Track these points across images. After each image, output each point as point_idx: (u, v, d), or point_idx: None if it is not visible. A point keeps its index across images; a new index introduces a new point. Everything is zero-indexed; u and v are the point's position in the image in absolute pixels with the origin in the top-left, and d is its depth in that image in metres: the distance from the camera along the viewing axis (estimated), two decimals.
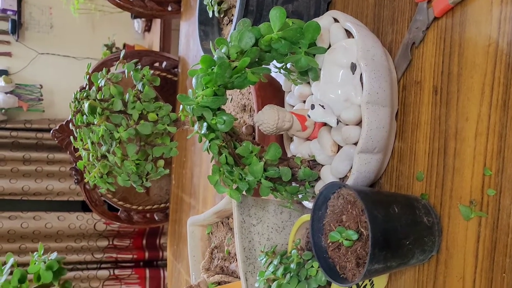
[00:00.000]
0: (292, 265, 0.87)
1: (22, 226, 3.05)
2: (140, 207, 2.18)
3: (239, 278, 1.04)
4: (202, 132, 0.85)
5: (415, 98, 0.83)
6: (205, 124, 0.84)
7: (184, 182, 1.94)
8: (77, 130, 1.01)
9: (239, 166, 0.87)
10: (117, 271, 3.14)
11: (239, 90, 1.13)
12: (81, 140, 1.01)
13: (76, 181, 2.09)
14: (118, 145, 0.96)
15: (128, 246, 3.26)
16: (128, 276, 3.13)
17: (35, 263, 0.94)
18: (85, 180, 0.99)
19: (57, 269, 0.93)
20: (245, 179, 0.87)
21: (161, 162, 1.02)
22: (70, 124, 1.03)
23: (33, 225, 3.02)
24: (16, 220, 3.07)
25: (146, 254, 3.25)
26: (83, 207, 3.44)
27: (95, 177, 1.00)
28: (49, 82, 3.16)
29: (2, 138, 3.02)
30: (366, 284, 0.88)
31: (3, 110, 2.93)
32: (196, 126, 0.86)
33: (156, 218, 2.23)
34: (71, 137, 1.03)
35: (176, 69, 2.14)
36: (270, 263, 0.91)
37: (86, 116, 0.98)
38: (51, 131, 2.05)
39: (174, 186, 2.06)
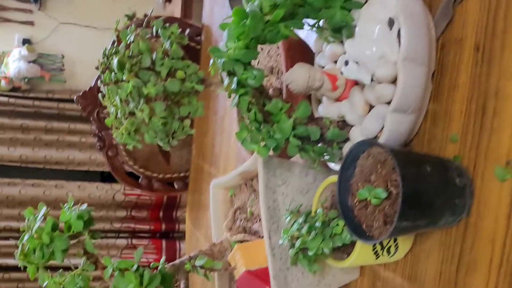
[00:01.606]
0: (317, 224, 0.85)
1: (44, 194, 3.06)
2: (161, 175, 2.17)
3: (262, 238, 1.02)
4: (232, 87, 0.83)
5: (454, 57, 0.80)
6: (235, 79, 0.82)
7: (204, 151, 1.92)
8: (105, 87, 0.99)
9: (267, 124, 0.85)
10: (134, 241, 3.15)
11: (266, 52, 1.11)
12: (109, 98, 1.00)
13: (99, 147, 2.08)
14: (145, 102, 0.94)
15: (146, 218, 3.27)
16: (145, 246, 3.13)
17: (66, 213, 0.93)
18: (113, 136, 0.97)
19: (87, 219, 0.92)
20: (273, 136, 0.85)
21: (187, 122, 1.00)
22: (99, 81, 1.01)
23: (55, 193, 3.02)
24: (39, 188, 3.08)
25: (163, 226, 3.25)
26: (102, 178, 3.45)
27: (122, 134, 0.98)
28: (70, 52, 3.15)
29: (25, 107, 3.02)
30: (390, 246, 0.86)
31: (26, 79, 2.93)
32: (225, 81, 0.84)
33: (176, 186, 2.22)
34: (99, 94, 1.01)
35: (199, 37, 2.10)
36: (294, 222, 0.89)
37: (115, 73, 0.96)
38: (75, 97, 2.04)
39: (195, 155, 2.04)
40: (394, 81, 0.79)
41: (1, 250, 3.03)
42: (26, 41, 3.06)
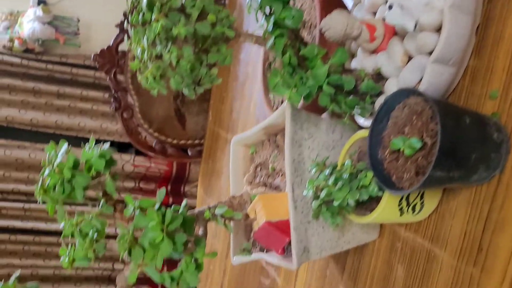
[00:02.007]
0: (345, 175, 0.83)
1: None
2: (175, 141, 2.15)
3: (283, 192, 1.00)
4: (268, 28, 0.81)
5: (501, 10, 0.77)
6: (272, 19, 0.80)
7: (222, 117, 1.90)
8: (132, 29, 0.97)
9: (302, 69, 0.83)
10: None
11: (299, 6, 1.09)
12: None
13: (114, 108, 2.06)
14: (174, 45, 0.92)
15: (153, 190, 3.25)
16: None
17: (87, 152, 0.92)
18: (140, 79, 0.95)
19: (109, 159, 0.91)
20: (306, 83, 0.83)
21: (214, 70, 0.98)
22: (126, 24, 0.99)
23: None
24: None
25: (170, 200, 3.23)
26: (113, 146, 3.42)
27: (147, 78, 0.96)
28: (86, 17, 3.09)
29: (38, 70, 2.99)
30: (416, 204, 0.84)
31: (40, 41, 2.88)
32: (261, 20, 0.82)
33: (190, 153, 2.20)
34: (125, 35, 0.99)
35: None
36: (320, 173, 0.88)
37: (143, 14, 0.94)
38: (92, 55, 2.01)
39: (211, 122, 2.02)
40: (437, 30, 0.77)
41: (9, 212, 3.02)
42: (41, 2, 3.01)
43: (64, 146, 0.92)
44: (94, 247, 0.95)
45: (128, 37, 1.98)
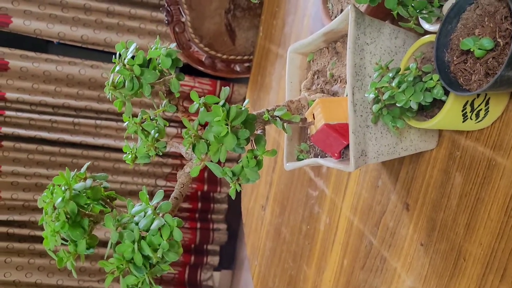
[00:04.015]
0: (409, 78, 0.81)
1: (102, 76, 3.07)
2: (224, 56, 2.14)
3: (342, 97, 0.99)
4: None
5: None
6: None
7: (273, 32, 1.87)
8: None
9: None
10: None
11: None
12: None
13: (167, 21, 2.04)
14: None
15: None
16: None
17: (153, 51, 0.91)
18: None
19: (175, 58, 0.90)
20: None
21: None
22: None
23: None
24: (97, 69, 3.08)
25: (223, 87, 3.25)
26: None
27: None
28: None
29: None
30: (480, 110, 0.82)
31: None
32: None
33: (238, 69, 2.18)
34: None
35: None
36: (383, 77, 0.86)
37: None
38: None
39: (261, 37, 1.99)
40: None
41: (59, 126, 3.08)
42: None
43: (134, 44, 0.92)
44: (155, 145, 0.96)
45: None
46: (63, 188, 0.81)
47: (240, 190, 0.83)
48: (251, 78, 2.07)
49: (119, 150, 3.19)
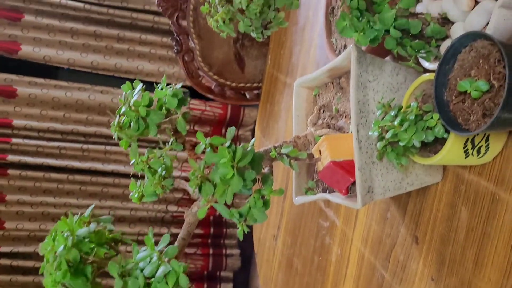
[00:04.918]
0: (411, 117, 0.86)
1: (112, 101, 3.13)
2: (234, 84, 2.20)
3: (347, 133, 1.04)
4: None
5: None
6: None
7: (281, 61, 1.93)
8: None
9: (369, 13, 0.85)
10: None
11: None
12: None
13: (176, 50, 2.11)
14: None
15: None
16: None
17: (159, 91, 0.96)
18: (209, 23, 0.99)
19: (181, 98, 0.95)
20: (373, 27, 0.85)
21: (282, 14, 1.01)
22: None
23: None
24: (107, 95, 3.15)
25: (228, 128, 3.30)
26: None
27: (217, 21, 1.00)
28: None
29: (100, 14, 3.06)
30: (481, 146, 0.86)
31: None
32: None
33: (248, 96, 2.25)
34: None
35: None
36: (385, 115, 0.90)
37: None
38: (156, 0, 2.06)
39: (270, 66, 2.05)
40: None
41: (68, 152, 3.14)
42: None
43: (139, 85, 0.97)
44: (162, 183, 1.00)
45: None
46: (65, 234, 0.83)
47: None
48: (260, 105, 2.13)
49: (128, 175, 3.24)
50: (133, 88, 0.97)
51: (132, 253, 0.84)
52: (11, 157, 3.01)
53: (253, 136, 2.80)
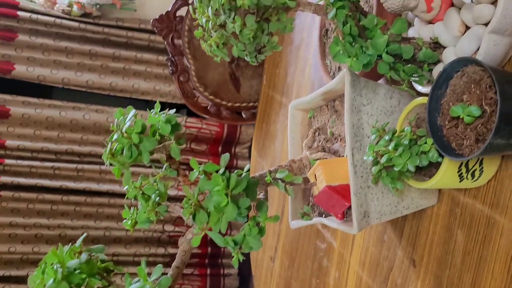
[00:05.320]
0: (405, 141, 0.87)
1: (107, 120, 3.14)
2: (230, 104, 2.22)
3: (342, 157, 1.05)
4: (330, 0, 0.85)
5: None
6: None
7: (276, 81, 1.95)
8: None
9: (362, 38, 0.87)
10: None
11: None
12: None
13: (171, 71, 2.13)
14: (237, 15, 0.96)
15: (205, 151, 3.33)
16: None
17: (153, 117, 0.97)
18: (203, 47, 1.00)
19: (174, 124, 0.96)
20: (366, 52, 0.86)
21: (275, 38, 1.02)
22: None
23: None
24: (102, 114, 3.16)
25: (222, 155, 3.31)
26: (163, 109, 3.50)
27: (211, 46, 1.01)
28: None
29: (95, 33, 3.08)
30: (475, 170, 0.88)
31: (98, 6, 2.98)
32: None
33: (244, 116, 2.26)
34: (190, 6, 1.03)
35: None
36: (380, 139, 0.92)
37: None
38: (151, 21, 2.08)
39: (265, 85, 2.07)
40: (493, 2, 0.80)
41: (62, 172, 3.14)
42: None
43: (132, 111, 0.98)
44: (156, 210, 1.01)
45: (187, 4, 2.05)
46: (55, 267, 0.82)
47: None
48: (256, 125, 2.14)
49: (124, 195, 3.22)
50: (126, 114, 0.98)
51: (124, 284, 0.84)
52: (3, 178, 3.00)
53: (249, 153, 2.81)
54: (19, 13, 2.96)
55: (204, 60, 2.15)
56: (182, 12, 2.19)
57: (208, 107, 2.23)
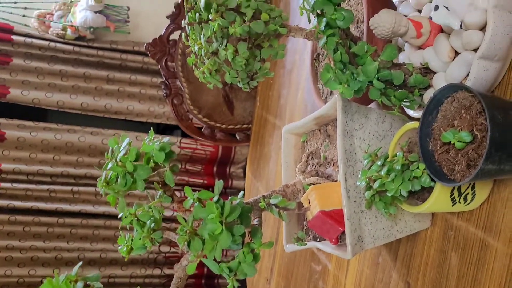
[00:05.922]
0: (397, 167, 0.87)
1: (102, 142, 3.15)
2: (223, 126, 2.23)
3: (335, 182, 1.05)
4: (320, 28, 0.85)
5: None
6: (324, 20, 0.84)
7: (269, 103, 1.96)
8: (189, 27, 1.02)
9: (352, 65, 0.87)
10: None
11: (346, 2, 1.13)
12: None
13: (165, 94, 2.14)
14: (229, 43, 0.97)
15: (199, 172, 3.33)
16: None
17: (147, 145, 0.97)
18: (196, 74, 1.01)
19: (169, 152, 0.96)
20: (356, 78, 0.87)
21: (267, 64, 1.03)
22: (183, 21, 1.04)
23: None
24: (97, 136, 3.16)
25: (216, 181, 3.32)
26: (158, 130, 3.52)
27: (204, 72, 1.02)
28: (136, 5, 3.20)
29: (89, 56, 3.10)
30: (467, 194, 0.88)
31: (92, 29, 3.00)
32: (313, 21, 0.86)
33: (238, 137, 2.27)
34: (182, 33, 1.04)
35: None
36: (372, 164, 0.92)
37: (200, 13, 0.99)
38: (145, 45, 2.09)
39: (259, 107, 2.08)
40: (482, 28, 0.81)
41: (58, 195, 3.14)
42: None
43: (126, 140, 0.98)
44: (151, 236, 1.00)
45: (180, 28, 2.05)
46: None
47: None
48: (250, 146, 2.15)
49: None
50: (120, 143, 0.98)
51: None
52: None
53: (244, 173, 2.81)
54: (14, 37, 2.98)
55: (197, 83, 2.16)
56: (175, 36, 2.21)
57: (202, 129, 2.24)
